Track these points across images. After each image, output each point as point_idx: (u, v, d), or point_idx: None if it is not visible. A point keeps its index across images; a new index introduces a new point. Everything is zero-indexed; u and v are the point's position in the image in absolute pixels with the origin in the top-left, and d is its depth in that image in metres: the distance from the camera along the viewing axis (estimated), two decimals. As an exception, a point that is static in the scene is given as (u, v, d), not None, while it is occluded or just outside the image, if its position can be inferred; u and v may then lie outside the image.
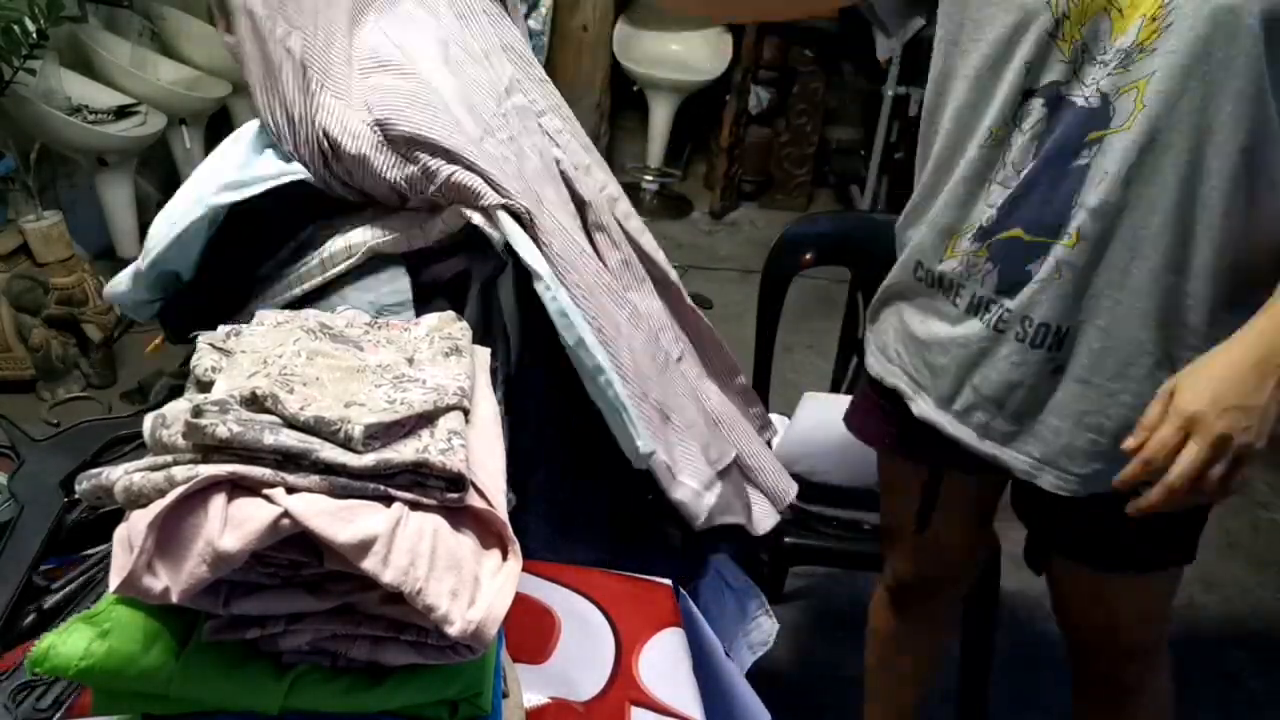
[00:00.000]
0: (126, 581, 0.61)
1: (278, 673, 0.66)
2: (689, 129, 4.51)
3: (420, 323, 0.88)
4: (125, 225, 3.24)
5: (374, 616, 0.66)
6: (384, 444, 0.67)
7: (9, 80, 2.61)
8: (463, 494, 0.68)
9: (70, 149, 3.02)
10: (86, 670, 0.63)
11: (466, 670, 0.69)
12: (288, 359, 0.74)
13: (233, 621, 0.65)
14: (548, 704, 0.88)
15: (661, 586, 1.03)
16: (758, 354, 1.92)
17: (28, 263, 2.73)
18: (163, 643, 0.65)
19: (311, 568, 0.64)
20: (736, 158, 4.26)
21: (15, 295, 2.73)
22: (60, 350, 2.80)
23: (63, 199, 3.24)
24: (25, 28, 2.58)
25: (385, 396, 0.72)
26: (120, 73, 3.14)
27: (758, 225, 4.26)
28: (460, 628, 0.64)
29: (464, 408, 0.74)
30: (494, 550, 0.70)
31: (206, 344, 0.79)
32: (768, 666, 2.07)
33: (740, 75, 4.07)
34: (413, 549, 0.63)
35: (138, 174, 3.42)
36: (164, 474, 0.64)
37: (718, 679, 1.05)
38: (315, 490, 0.64)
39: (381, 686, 0.67)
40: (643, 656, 0.95)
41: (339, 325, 0.84)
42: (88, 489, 0.67)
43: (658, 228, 4.44)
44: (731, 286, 3.20)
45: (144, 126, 3.07)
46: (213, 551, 0.60)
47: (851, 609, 2.29)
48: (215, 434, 0.63)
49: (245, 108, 3.99)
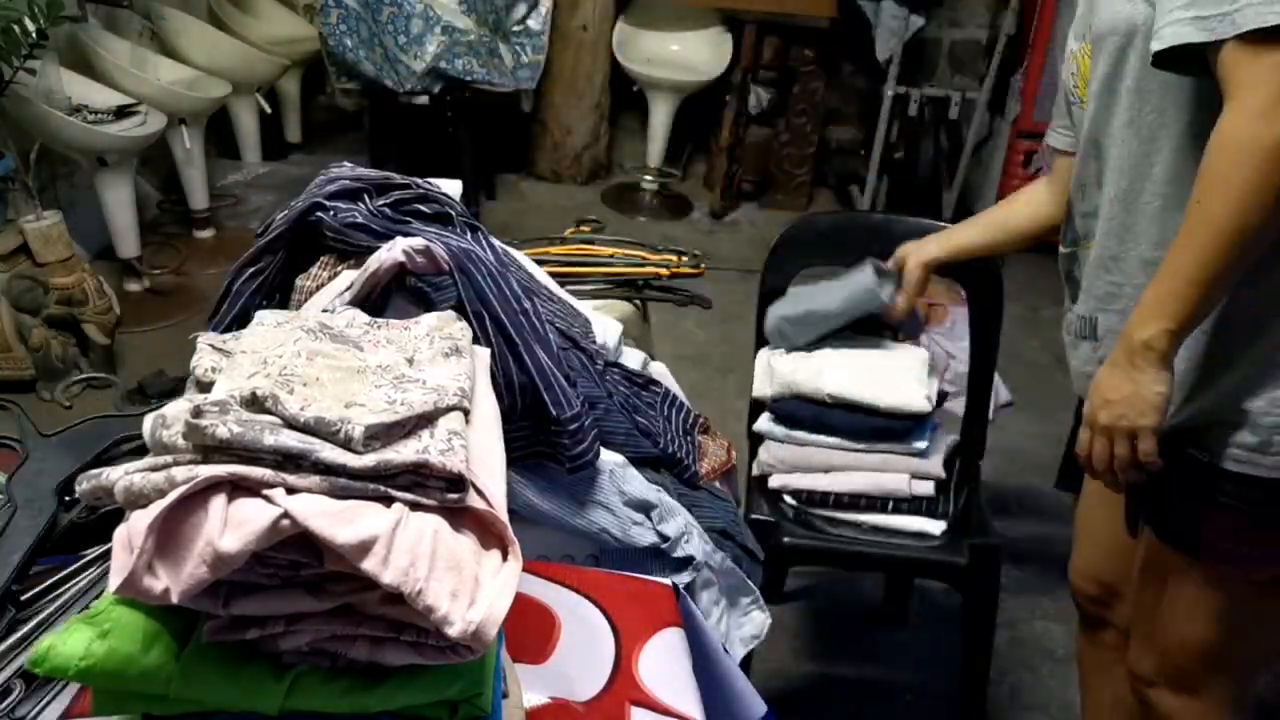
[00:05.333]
0: (126, 582, 0.61)
1: (277, 673, 0.66)
2: (689, 129, 4.51)
3: (420, 322, 0.88)
4: (125, 225, 3.23)
5: (374, 617, 0.66)
6: (384, 444, 0.67)
7: (9, 80, 2.61)
8: (463, 494, 0.68)
9: (70, 149, 3.01)
10: (86, 670, 0.63)
11: (466, 671, 0.69)
12: (288, 359, 0.73)
13: (232, 622, 0.65)
14: (548, 704, 0.87)
15: (661, 586, 1.03)
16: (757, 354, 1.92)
17: (27, 263, 2.72)
18: (163, 643, 0.65)
19: (311, 568, 0.64)
20: (736, 158, 4.26)
21: (15, 295, 2.72)
22: (60, 350, 2.80)
23: (63, 199, 3.24)
24: (25, 28, 2.57)
25: (385, 397, 0.71)
26: (120, 73, 3.14)
27: (758, 225, 4.26)
28: (460, 628, 0.63)
29: (464, 408, 0.74)
30: (494, 551, 0.69)
31: (206, 344, 0.79)
32: (768, 666, 2.08)
33: (740, 75, 4.07)
34: (413, 550, 0.63)
35: (138, 174, 3.41)
36: (164, 474, 0.63)
37: (718, 678, 1.05)
38: (315, 491, 0.64)
39: (381, 687, 0.67)
40: (643, 656, 0.94)
41: (339, 325, 0.84)
42: (88, 489, 0.67)
43: (658, 228, 4.46)
44: (731, 286, 3.20)
45: (144, 126, 3.06)
46: (213, 552, 0.60)
47: (851, 609, 2.29)
48: (215, 434, 0.63)
49: (245, 107, 3.99)
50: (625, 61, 4.23)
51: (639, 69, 4.20)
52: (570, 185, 4.51)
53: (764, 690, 1.09)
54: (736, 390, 2.92)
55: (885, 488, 1.69)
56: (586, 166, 4.52)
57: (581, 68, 4.27)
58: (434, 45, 3.63)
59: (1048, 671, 2.14)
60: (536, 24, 3.98)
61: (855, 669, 1.78)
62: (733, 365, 3.11)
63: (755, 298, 1.89)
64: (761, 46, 4.06)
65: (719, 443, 1.37)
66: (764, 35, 4.04)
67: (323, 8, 3.61)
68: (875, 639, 2.21)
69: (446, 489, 0.67)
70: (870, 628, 2.24)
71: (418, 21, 3.62)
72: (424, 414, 0.70)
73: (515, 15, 3.94)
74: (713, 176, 4.38)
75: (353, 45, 3.64)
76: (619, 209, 4.30)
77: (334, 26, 3.62)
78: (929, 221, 1.87)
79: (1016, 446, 2.86)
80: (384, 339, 0.84)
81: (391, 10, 3.59)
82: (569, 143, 4.44)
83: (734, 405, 2.11)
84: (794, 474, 1.73)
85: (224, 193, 3.98)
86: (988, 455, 1.92)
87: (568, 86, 4.30)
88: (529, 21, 3.98)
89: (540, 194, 4.47)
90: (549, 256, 1.90)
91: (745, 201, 4.43)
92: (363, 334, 0.84)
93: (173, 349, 3.04)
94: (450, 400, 0.73)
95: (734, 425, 1.95)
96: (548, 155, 4.50)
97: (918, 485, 1.69)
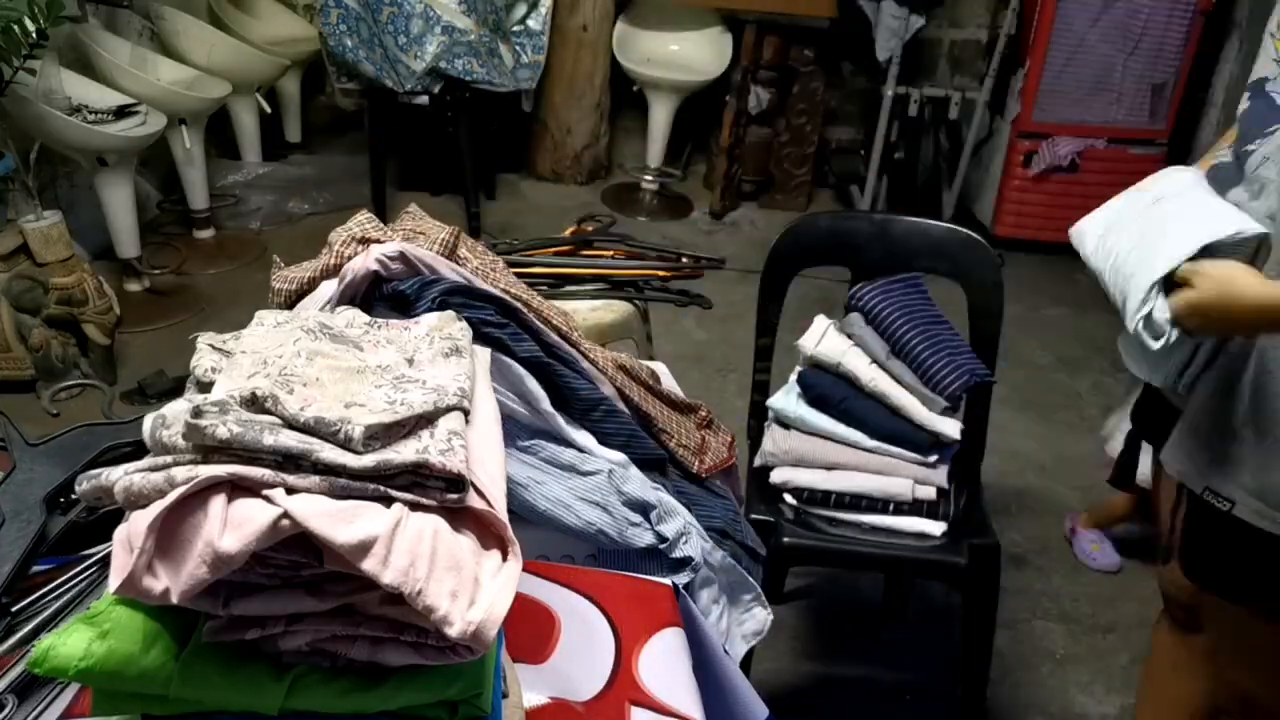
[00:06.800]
0: (126, 582, 0.61)
1: (277, 673, 0.66)
2: (689, 129, 4.52)
3: (420, 322, 0.88)
4: (125, 225, 3.24)
5: (374, 617, 0.66)
6: (384, 445, 0.67)
7: (9, 80, 2.61)
8: (463, 495, 0.68)
9: (70, 149, 3.01)
10: (86, 670, 0.63)
11: (466, 671, 0.69)
12: (288, 359, 0.73)
13: (232, 622, 0.65)
14: (548, 704, 0.88)
15: (661, 586, 1.03)
16: (757, 354, 1.92)
17: (28, 263, 2.73)
18: (163, 643, 0.65)
19: (311, 568, 0.64)
20: (736, 158, 4.26)
21: (15, 295, 2.73)
22: (60, 350, 2.80)
23: (63, 199, 3.24)
24: (25, 28, 2.57)
25: (385, 397, 0.71)
26: (120, 73, 3.14)
27: (758, 225, 4.26)
28: (460, 628, 0.63)
29: (464, 408, 0.74)
30: (494, 551, 0.69)
31: (206, 344, 0.79)
32: (768, 666, 2.08)
33: (740, 75, 4.07)
34: (412, 550, 0.63)
35: (138, 174, 3.42)
36: (164, 475, 0.63)
37: (717, 678, 1.04)
38: (315, 491, 0.64)
39: (381, 687, 0.67)
40: (643, 656, 0.94)
41: (339, 325, 0.84)
42: (88, 489, 0.67)
43: (658, 227, 4.46)
44: (731, 286, 3.20)
45: (144, 126, 3.07)
46: (213, 552, 0.60)
47: (851, 609, 2.29)
48: (215, 435, 0.63)
49: (245, 107, 4.00)
50: (625, 61, 4.23)
51: (639, 69, 4.20)
52: (570, 185, 4.52)
53: (764, 690, 1.09)
54: (736, 390, 2.92)
55: (888, 491, 1.69)
56: (586, 166, 4.52)
57: (581, 68, 4.27)
58: (434, 45, 3.63)
59: (1048, 671, 2.13)
60: (536, 24, 3.98)
61: (855, 669, 1.77)
62: (733, 365, 3.11)
63: (755, 298, 1.89)
64: (761, 46, 4.06)
65: (721, 438, 1.36)
66: (764, 35, 4.03)
67: (323, 8, 3.61)
68: (875, 639, 2.20)
69: (446, 489, 0.67)
70: (870, 628, 2.24)
71: (418, 21, 3.62)
72: (424, 414, 0.70)
73: (515, 15, 3.94)
74: (713, 176, 4.38)
75: (353, 45, 3.64)
76: (619, 209, 4.30)
77: (334, 26, 3.62)
78: (929, 222, 1.87)
79: (1016, 447, 2.86)
80: (384, 339, 0.84)
81: (391, 10, 3.59)
82: (569, 143, 4.45)
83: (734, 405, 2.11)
84: (796, 468, 1.73)
85: (224, 193, 3.99)
86: (988, 455, 1.92)
87: (568, 86, 4.30)
88: (529, 21, 3.98)
89: (540, 194, 4.46)
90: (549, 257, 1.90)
91: (745, 201, 4.42)
92: (362, 334, 0.84)
93: (173, 349, 3.06)
94: (450, 400, 0.73)
95: (734, 425, 1.95)
96: (548, 155, 4.50)
97: (921, 490, 1.69)
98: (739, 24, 4.09)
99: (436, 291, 1.00)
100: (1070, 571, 2.42)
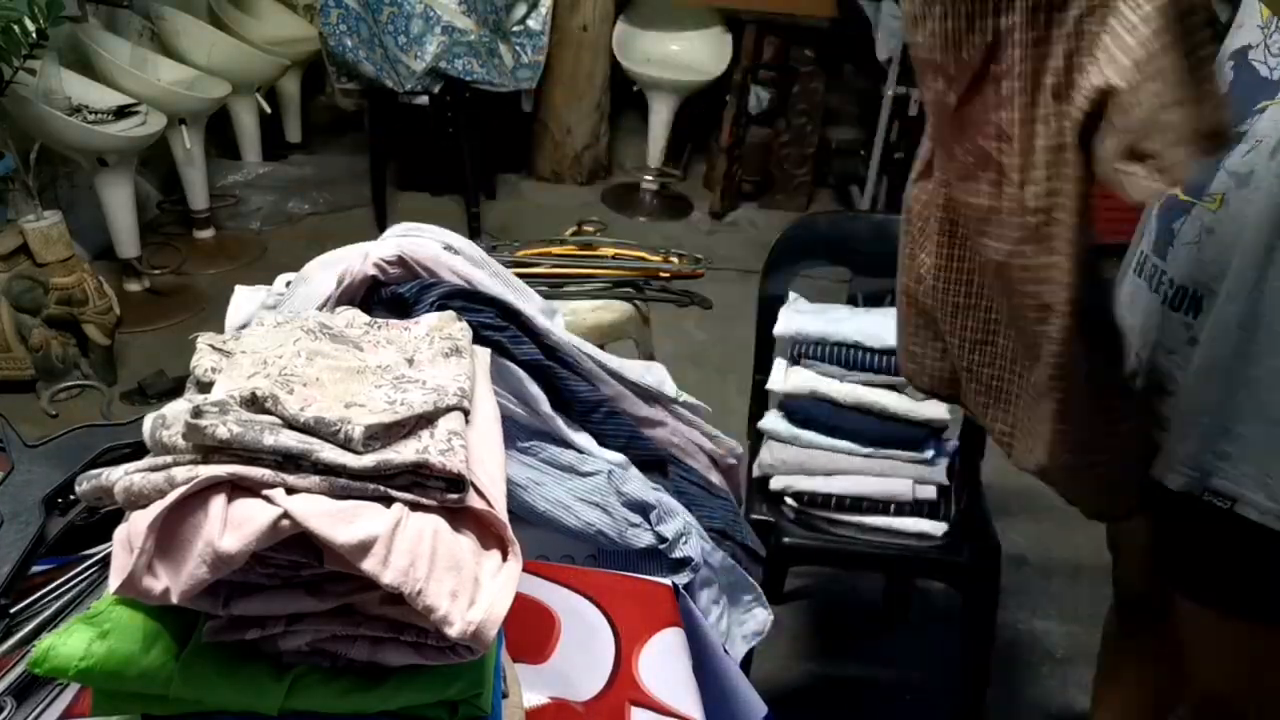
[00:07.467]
0: (127, 582, 0.61)
1: (277, 673, 0.66)
2: (689, 129, 4.51)
3: (420, 322, 0.88)
4: (125, 225, 3.24)
5: (374, 617, 0.66)
6: (384, 445, 0.67)
7: (9, 80, 2.61)
8: (463, 495, 0.68)
9: (70, 149, 3.02)
10: (86, 671, 0.63)
11: (466, 671, 0.69)
12: (288, 359, 0.74)
13: (232, 622, 0.65)
14: (548, 704, 0.88)
15: (661, 587, 1.03)
16: (757, 354, 1.92)
17: (28, 263, 2.73)
18: (163, 643, 0.65)
19: (311, 568, 0.64)
20: (736, 158, 4.25)
21: (15, 295, 2.73)
22: (60, 350, 2.80)
23: (63, 199, 3.24)
24: (25, 28, 2.57)
25: (385, 397, 0.71)
26: (120, 73, 3.14)
27: (758, 225, 4.26)
28: (460, 629, 0.63)
29: (464, 408, 0.74)
30: (494, 551, 0.69)
31: (206, 344, 0.79)
32: (768, 666, 2.08)
33: (740, 75, 4.07)
34: (412, 550, 0.63)
35: (138, 174, 3.42)
36: (164, 475, 0.63)
37: (718, 678, 1.04)
38: (315, 491, 0.64)
39: (381, 687, 0.67)
40: (643, 656, 0.94)
41: (339, 325, 0.84)
42: (88, 489, 0.67)
43: (658, 228, 4.45)
44: (731, 286, 3.20)
45: (144, 126, 3.07)
46: (213, 552, 0.60)
47: (851, 609, 2.29)
48: (215, 435, 0.63)
49: (245, 107, 4.00)
50: (625, 61, 4.23)
51: (639, 69, 4.20)
52: (570, 185, 4.51)
53: (764, 690, 1.09)
54: (736, 390, 2.92)
55: (889, 492, 1.69)
56: (586, 166, 4.52)
57: (581, 68, 4.27)
58: (434, 45, 3.64)
59: (1048, 671, 2.13)
60: (536, 24, 3.98)
61: (855, 669, 1.78)
62: (733, 365, 3.10)
63: (755, 298, 1.89)
64: (761, 46, 4.06)
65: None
66: (764, 35, 4.03)
67: (323, 8, 3.61)
68: (875, 639, 2.20)
69: (446, 489, 0.67)
70: (870, 628, 2.24)
71: (418, 21, 3.62)
72: (424, 414, 0.70)
73: (515, 15, 3.94)
74: (713, 176, 4.38)
75: (353, 45, 3.64)
76: (619, 209, 4.30)
77: (334, 26, 3.62)
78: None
79: (1016, 446, 2.86)
80: (384, 339, 0.84)
81: (391, 10, 3.59)
82: (569, 143, 4.44)
83: (734, 405, 2.11)
84: (797, 476, 1.73)
85: (224, 193, 3.99)
86: (988, 455, 1.92)
87: (568, 86, 4.30)
88: (529, 21, 3.98)
89: (540, 194, 4.46)
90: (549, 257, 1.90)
91: (745, 201, 4.42)
92: (362, 334, 0.84)
93: (173, 349, 3.06)
94: (450, 400, 0.73)
95: (734, 425, 1.95)
96: (548, 155, 4.50)
97: (921, 490, 1.69)
98: (739, 24, 4.09)
99: (435, 295, 1.00)
100: (1070, 571, 2.42)
